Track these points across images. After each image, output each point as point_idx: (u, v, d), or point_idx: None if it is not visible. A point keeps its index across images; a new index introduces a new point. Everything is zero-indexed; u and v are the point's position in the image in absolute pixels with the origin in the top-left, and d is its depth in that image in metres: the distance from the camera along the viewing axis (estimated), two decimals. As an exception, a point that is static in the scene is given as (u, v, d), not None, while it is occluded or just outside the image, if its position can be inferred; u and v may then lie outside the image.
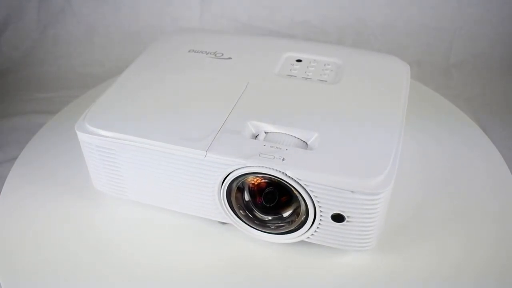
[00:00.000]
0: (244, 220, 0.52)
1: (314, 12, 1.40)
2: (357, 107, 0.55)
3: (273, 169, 0.46)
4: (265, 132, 0.51)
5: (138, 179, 0.55)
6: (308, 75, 0.61)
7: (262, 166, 0.46)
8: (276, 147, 0.48)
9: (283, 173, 0.46)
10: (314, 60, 0.64)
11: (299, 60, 0.64)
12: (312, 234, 0.50)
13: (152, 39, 0.73)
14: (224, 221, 0.54)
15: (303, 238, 0.51)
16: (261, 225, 0.52)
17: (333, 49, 0.68)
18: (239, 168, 0.47)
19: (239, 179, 0.49)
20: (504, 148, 0.76)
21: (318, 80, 0.60)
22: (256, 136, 0.51)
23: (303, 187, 0.46)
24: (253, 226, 0.52)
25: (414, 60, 1.35)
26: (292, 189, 0.47)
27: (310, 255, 0.54)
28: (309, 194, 0.46)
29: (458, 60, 1.37)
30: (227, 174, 0.48)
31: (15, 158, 0.69)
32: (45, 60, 1.40)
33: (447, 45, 1.38)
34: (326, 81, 0.60)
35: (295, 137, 0.51)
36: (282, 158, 0.47)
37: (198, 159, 0.48)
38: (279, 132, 0.51)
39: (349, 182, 0.45)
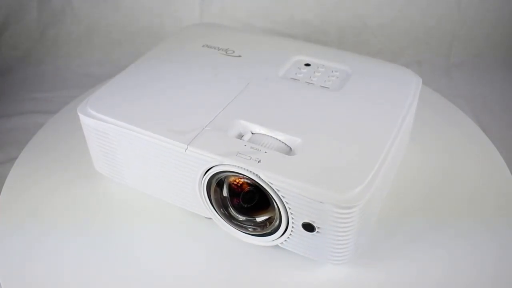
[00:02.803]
0: (222, 217, 0.52)
1: (314, 12, 1.40)
2: (351, 117, 0.53)
3: (247, 169, 0.46)
4: (252, 133, 0.51)
5: (131, 165, 0.56)
6: (312, 80, 0.60)
7: (237, 166, 0.46)
8: (256, 149, 0.48)
9: (256, 175, 0.46)
10: (323, 65, 0.63)
11: (307, 64, 0.63)
12: (285, 240, 0.50)
13: (152, 39, 0.74)
14: (208, 217, 0.54)
15: (277, 243, 0.51)
16: (238, 224, 0.52)
17: (346, 56, 0.65)
18: (216, 165, 0.48)
19: (218, 176, 0.49)
20: (504, 148, 0.76)
21: (320, 86, 0.59)
22: (242, 136, 0.51)
23: (275, 192, 0.46)
24: (230, 224, 0.52)
25: (414, 60, 1.35)
26: (267, 193, 0.47)
27: (288, 261, 0.53)
28: (281, 200, 0.46)
29: (458, 60, 1.37)
30: (206, 170, 0.49)
31: (15, 158, 0.69)
32: (45, 60, 1.40)
33: (447, 45, 1.38)
34: (328, 87, 0.59)
35: (279, 140, 0.50)
36: (258, 160, 0.46)
37: (180, 152, 0.49)
38: (265, 134, 0.51)
39: (320, 192, 0.44)
